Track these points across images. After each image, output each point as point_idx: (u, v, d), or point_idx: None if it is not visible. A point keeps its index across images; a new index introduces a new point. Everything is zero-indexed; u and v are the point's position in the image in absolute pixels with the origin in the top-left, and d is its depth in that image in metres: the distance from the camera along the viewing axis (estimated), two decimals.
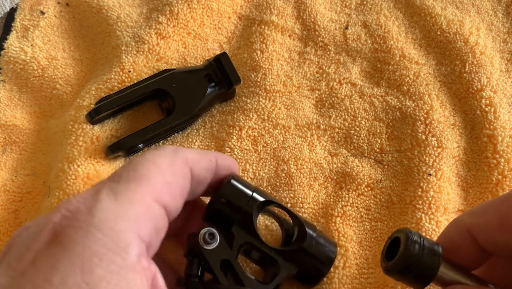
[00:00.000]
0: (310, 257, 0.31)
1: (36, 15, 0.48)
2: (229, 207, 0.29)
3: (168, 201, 0.24)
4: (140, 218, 0.21)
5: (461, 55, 0.45)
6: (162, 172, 0.24)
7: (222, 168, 0.30)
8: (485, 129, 0.41)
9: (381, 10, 0.48)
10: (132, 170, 0.24)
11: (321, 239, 0.32)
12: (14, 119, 0.44)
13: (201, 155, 0.28)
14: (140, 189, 0.22)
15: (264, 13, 0.48)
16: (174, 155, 0.26)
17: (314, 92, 0.45)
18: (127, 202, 0.21)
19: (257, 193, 0.30)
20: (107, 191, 0.22)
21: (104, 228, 0.20)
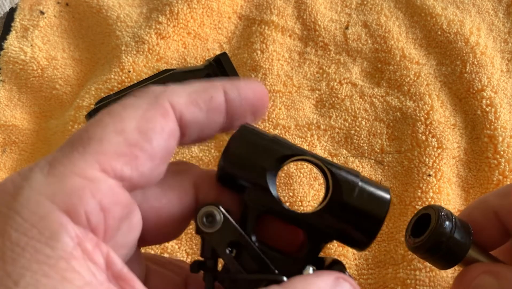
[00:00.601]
0: (353, 214, 0.23)
1: (35, 15, 0.48)
2: (239, 166, 0.23)
3: (127, 169, 0.19)
4: (75, 195, 0.17)
5: (461, 55, 0.44)
6: (124, 129, 0.19)
7: (237, 102, 0.23)
8: (486, 129, 0.41)
9: (381, 10, 0.48)
10: (84, 130, 0.19)
11: (365, 185, 0.24)
12: (13, 119, 0.44)
13: (197, 93, 0.22)
14: (83, 157, 0.18)
15: (265, 13, 0.48)
16: (150, 103, 0.20)
17: (314, 93, 0.45)
18: (60, 176, 0.18)
19: (275, 143, 0.23)
20: (43, 163, 0.18)
21: (24, 212, 0.17)
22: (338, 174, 0.23)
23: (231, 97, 0.22)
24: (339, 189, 0.23)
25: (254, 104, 0.23)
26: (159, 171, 0.21)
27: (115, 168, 0.18)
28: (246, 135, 0.23)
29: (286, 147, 0.23)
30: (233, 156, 0.23)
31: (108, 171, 0.18)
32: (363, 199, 0.23)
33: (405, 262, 0.35)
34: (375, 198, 0.23)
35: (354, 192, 0.23)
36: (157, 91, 0.21)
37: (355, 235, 0.23)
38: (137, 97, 0.21)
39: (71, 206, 0.17)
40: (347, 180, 0.23)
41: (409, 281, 0.34)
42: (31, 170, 0.18)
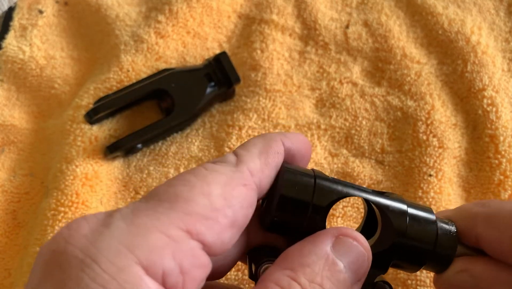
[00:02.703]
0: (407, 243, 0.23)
1: (34, 14, 0.48)
2: (290, 211, 0.22)
3: (210, 234, 0.18)
4: (156, 252, 0.17)
5: (462, 55, 0.44)
6: (210, 193, 0.19)
7: (292, 151, 0.23)
8: (487, 129, 0.41)
9: (382, 9, 0.48)
10: (170, 186, 0.19)
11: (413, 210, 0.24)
12: (12, 119, 0.44)
13: (265, 154, 0.22)
14: (168, 214, 0.18)
15: (264, 12, 0.48)
16: (233, 170, 0.20)
17: (314, 92, 0.44)
18: (143, 229, 0.17)
19: (321, 180, 0.23)
20: (125, 212, 0.18)
21: (103, 261, 0.16)
22: (387, 206, 0.23)
23: (286, 147, 0.23)
24: (390, 221, 0.23)
25: (303, 154, 0.24)
26: (235, 239, 0.20)
27: (199, 230, 0.18)
28: (293, 177, 0.22)
29: (333, 187, 0.23)
30: (285, 200, 0.22)
31: (192, 233, 0.18)
32: (414, 226, 0.23)
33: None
34: (424, 220, 0.24)
35: (406, 220, 0.23)
36: (233, 159, 0.21)
37: (411, 259, 0.24)
38: (217, 164, 0.20)
39: (151, 263, 0.16)
40: (397, 210, 0.23)
41: (409, 281, 0.34)
42: (112, 216, 0.18)
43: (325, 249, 0.20)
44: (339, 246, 0.20)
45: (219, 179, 0.19)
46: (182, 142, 0.42)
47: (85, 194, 0.38)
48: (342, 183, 0.23)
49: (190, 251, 0.18)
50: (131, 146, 0.40)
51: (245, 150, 0.21)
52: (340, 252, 0.20)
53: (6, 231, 0.39)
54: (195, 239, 0.18)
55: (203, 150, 0.42)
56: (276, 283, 0.18)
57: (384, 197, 0.23)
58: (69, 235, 0.17)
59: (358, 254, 0.20)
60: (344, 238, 0.20)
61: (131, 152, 0.41)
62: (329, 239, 0.20)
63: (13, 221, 0.40)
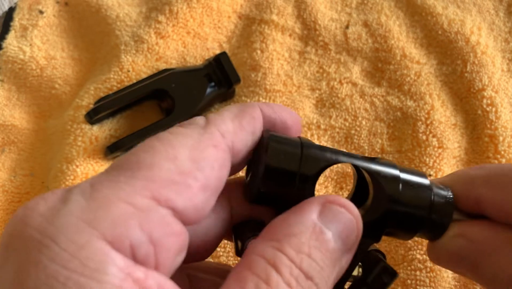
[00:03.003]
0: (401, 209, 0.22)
1: (34, 15, 0.48)
2: (277, 182, 0.21)
3: (180, 199, 0.17)
4: (121, 224, 0.15)
5: (462, 55, 0.44)
6: (176, 156, 0.17)
7: (272, 118, 0.22)
8: (487, 129, 0.41)
9: (382, 9, 0.48)
10: (132, 154, 0.18)
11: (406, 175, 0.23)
12: (12, 119, 0.44)
13: (239, 117, 0.20)
14: (131, 182, 0.16)
15: (264, 12, 0.48)
16: (200, 133, 0.19)
17: (314, 92, 0.44)
18: (104, 201, 0.16)
19: (309, 148, 0.21)
20: (84, 186, 0.16)
21: (62, 240, 0.15)
22: (378, 172, 0.22)
23: (266, 114, 0.22)
24: (382, 187, 0.22)
25: (288, 124, 0.23)
26: (210, 204, 0.19)
27: (167, 196, 0.17)
28: (279, 146, 0.21)
29: (321, 154, 0.21)
30: (271, 171, 0.21)
31: (160, 200, 0.16)
32: (408, 190, 0.22)
33: (405, 263, 0.35)
34: (418, 186, 0.22)
35: (399, 185, 0.22)
36: (202, 121, 0.20)
37: (405, 226, 0.22)
38: (184, 126, 0.19)
39: (116, 236, 0.15)
40: (390, 175, 0.22)
41: (409, 281, 0.34)
42: (70, 191, 0.16)
43: (311, 217, 0.19)
44: (326, 214, 0.19)
45: (185, 141, 0.18)
46: None
47: None
48: (330, 149, 0.22)
49: (160, 219, 0.16)
50: (131, 146, 0.40)
51: (217, 114, 0.20)
52: (328, 220, 0.19)
53: None
54: (163, 206, 0.16)
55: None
56: (261, 256, 0.17)
57: (375, 163, 0.22)
58: (25, 215, 0.16)
59: (347, 222, 0.19)
60: (332, 206, 0.19)
61: None
62: (316, 208, 0.19)
63: None
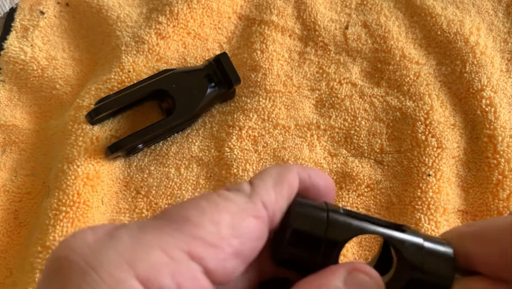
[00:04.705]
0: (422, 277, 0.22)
1: (35, 15, 0.48)
2: (302, 247, 0.21)
3: (213, 261, 0.18)
4: (155, 267, 0.17)
5: (461, 55, 0.45)
6: (220, 221, 0.19)
7: (307, 184, 0.22)
8: (486, 129, 0.41)
9: (381, 10, 0.48)
10: (181, 208, 0.19)
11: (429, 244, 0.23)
12: (13, 119, 0.44)
13: (280, 186, 0.21)
14: (174, 234, 0.18)
15: (264, 13, 0.48)
16: (246, 201, 0.20)
17: (314, 92, 0.45)
18: (146, 246, 0.17)
19: (335, 214, 0.22)
20: (132, 227, 0.18)
21: (103, 272, 0.16)
22: (403, 241, 0.22)
23: (301, 179, 0.22)
24: (408, 256, 0.22)
25: (320, 191, 0.23)
26: (239, 270, 0.20)
27: (201, 254, 0.18)
28: (306, 210, 0.21)
29: (347, 222, 0.21)
30: (297, 235, 0.21)
31: (194, 256, 0.18)
32: (431, 260, 0.22)
33: None
34: (441, 255, 0.22)
35: (422, 255, 0.22)
36: (248, 189, 0.21)
37: None
38: (232, 192, 0.20)
39: (149, 278, 0.17)
40: (413, 245, 0.22)
41: None
42: (119, 229, 0.18)
43: (336, 283, 0.19)
44: (351, 281, 0.20)
45: (230, 208, 0.19)
46: (182, 142, 0.42)
47: (87, 193, 0.38)
48: (355, 215, 0.22)
49: (190, 273, 0.18)
50: (132, 146, 0.40)
51: (260, 180, 0.21)
52: (352, 288, 0.19)
53: (7, 230, 0.39)
54: (196, 262, 0.18)
55: (203, 150, 0.42)
56: None
57: (400, 231, 0.22)
58: (74, 243, 0.17)
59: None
60: (357, 273, 0.20)
61: (132, 152, 0.41)
62: (341, 273, 0.20)
63: (15, 220, 0.40)
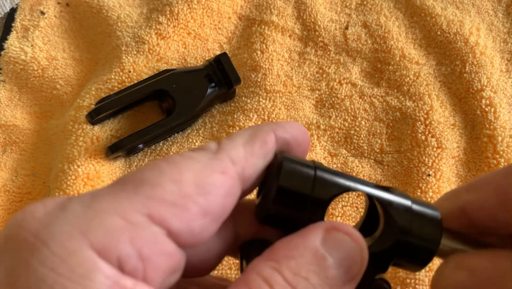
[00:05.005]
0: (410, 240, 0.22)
1: (36, 15, 0.48)
2: (288, 204, 0.21)
3: (176, 221, 0.17)
4: (111, 236, 0.16)
5: (461, 56, 0.45)
6: (181, 179, 0.17)
7: (286, 140, 0.21)
8: (485, 129, 0.41)
9: (381, 10, 0.48)
10: (138, 171, 0.18)
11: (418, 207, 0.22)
12: (14, 119, 0.44)
13: (251, 143, 0.20)
14: (130, 197, 0.17)
15: (264, 13, 0.48)
16: (210, 158, 0.19)
17: (314, 93, 0.45)
18: (100, 213, 0.16)
19: (322, 172, 0.21)
20: (85, 197, 0.17)
21: (53, 245, 0.15)
22: (390, 201, 0.22)
23: (279, 136, 0.21)
24: (396, 217, 0.21)
25: (300, 142, 0.22)
26: (210, 230, 0.19)
27: (163, 216, 0.17)
28: (292, 167, 0.21)
29: (335, 180, 0.21)
30: (283, 192, 0.20)
31: (155, 218, 0.17)
32: (419, 222, 0.22)
33: None
34: (429, 218, 0.22)
35: (411, 216, 0.22)
36: (214, 147, 0.20)
37: (414, 258, 0.22)
38: (195, 151, 0.19)
39: (105, 247, 0.16)
40: (401, 206, 0.22)
41: (408, 280, 0.35)
42: (70, 199, 0.17)
43: (314, 242, 0.19)
44: (330, 241, 0.19)
45: (193, 165, 0.18)
46: (183, 142, 0.42)
47: None
48: (343, 175, 0.22)
49: (151, 237, 0.16)
50: (132, 146, 0.40)
51: (228, 139, 0.20)
52: (331, 247, 0.19)
53: None
54: (157, 225, 0.17)
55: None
56: (258, 273, 0.18)
57: (388, 192, 0.22)
58: (23, 219, 0.16)
59: (350, 250, 0.19)
60: (336, 233, 0.19)
61: (133, 152, 0.41)
62: (319, 233, 0.19)
63: None
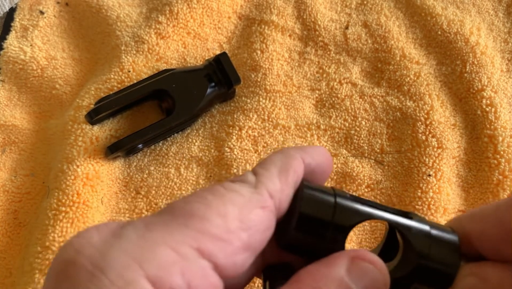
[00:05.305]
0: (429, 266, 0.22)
1: (35, 15, 0.48)
2: (309, 231, 0.21)
3: (222, 255, 0.18)
4: (164, 269, 0.16)
5: (461, 55, 0.44)
6: (227, 214, 0.18)
7: (312, 168, 0.22)
8: (486, 129, 0.41)
9: (381, 10, 0.48)
10: (186, 202, 0.18)
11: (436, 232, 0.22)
12: (13, 119, 0.44)
13: (285, 173, 0.21)
14: (181, 230, 0.17)
15: (264, 12, 0.48)
16: (251, 192, 0.19)
17: (314, 92, 0.45)
18: (153, 244, 0.17)
19: (342, 199, 0.21)
20: (137, 224, 0.17)
21: (111, 274, 0.16)
22: (409, 228, 0.22)
23: (306, 163, 0.22)
24: (415, 243, 0.21)
25: (325, 168, 0.23)
26: (249, 262, 0.19)
27: (211, 250, 0.17)
28: (313, 195, 0.21)
29: (355, 207, 0.21)
30: (304, 219, 0.20)
31: (204, 252, 0.17)
32: (438, 248, 0.22)
33: None
34: (448, 243, 0.22)
35: (429, 243, 0.22)
36: (253, 179, 0.20)
37: (434, 284, 0.22)
38: (237, 183, 0.20)
39: (159, 278, 0.16)
40: (420, 232, 0.22)
41: None
42: (124, 227, 0.17)
43: (338, 272, 0.19)
44: (355, 270, 0.19)
45: (237, 200, 0.19)
46: (182, 142, 0.42)
47: (86, 193, 0.38)
48: (362, 201, 0.22)
49: (200, 270, 0.17)
50: (131, 146, 0.40)
51: (264, 169, 0.21)
52: (355, 276, 0.19)
53: (7, 230, 0.39)
54: (206, 259, 0.17)
55: (203, 150, 0.42)
56: None
57: (407, 218, 0.22)
58: (80, 245, 0.17)
59: (374, 278, 0.19)
60: (360, 262, 0.19)
61: (132, 152, 0.41)
62: (344, 262, 0.19)
63: (14, 220, 0.40)
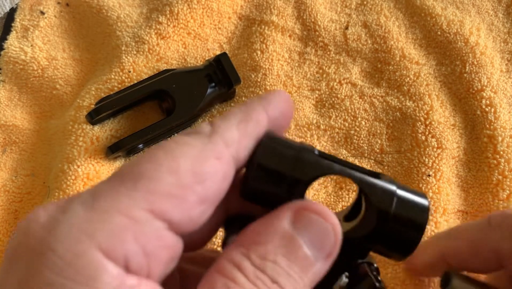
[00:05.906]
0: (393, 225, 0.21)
1: (36, 15, 0.48)
2: (270, 182, 0.20)
3: (176, 212, 0.17)
4: (116, 236, 0.16)
5: (461, 56, 0.45)
6: (178, 169, 0.17)
7: (276, 116, 0.21)
8: (486, 129, 0.41)
9: (381, 10, 0.48)
10: (135, 164, 0.18)
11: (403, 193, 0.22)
12: (14, 119, 0.44)
13: (244, 123, 0.20)
14: (130, 194, 0.17)
15: (264, 13, 0.48)
16: (204, 142, 0.18)
17: (314, 93, 0.45)
18: (103, 212, 0.16)
19: (305, 153, 0.21)
20: (85, 196, 0.17)
21: (60, 249, 0.15)
22: (373, 185, 0.21)
23: (270, 114, 0.21)
24: (376, 201, 0.21)
25: (287, 114, 0.22)
26: (207, 215, 0.19)
27: (164, 210, 0.17)
28: (274, 146, 0.21)
29: (317, 162, 0.21)
30: (262, 170, 0.20)
31: (156, 213, 0.17)
32: (402, 208, 0.21)
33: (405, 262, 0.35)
34: (415, 205, 0.21)
35: (393, 202, 0.21)
36: (207, 129, 0.19)
37: (395, 247, 0.22)
38: (189, 135, 0.19)
39: (112, 247, 0.16)
40: (384, 190, 0.21)
41: (408, 281, 0.35)
42: (71, 201, 0.17)
43: (281, 224, 0.19)
44: (299, 221, 0.19)
45: (188, 152, 0.18)
46: None
47: None
48: (330, 158, 0.21)
49: (154, 232, 0.17)
50: (132, 146, 0.40)
51: (222, 120, 0.20)
52: (301, 227, 0.19)
53: (8, 230, 0.39)
54: (159, 219, 0.17)
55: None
56: (230, 261, 0.18)
57: (374, 177, 0.22)
58: (27, 227, 0.16)
59: (322, 230, 0.19)
60: (306, 213, 0.19)
61: (132, 152, 0.41)
62: (288, 215, 0.19)
63: (15, 220, 0.40)
